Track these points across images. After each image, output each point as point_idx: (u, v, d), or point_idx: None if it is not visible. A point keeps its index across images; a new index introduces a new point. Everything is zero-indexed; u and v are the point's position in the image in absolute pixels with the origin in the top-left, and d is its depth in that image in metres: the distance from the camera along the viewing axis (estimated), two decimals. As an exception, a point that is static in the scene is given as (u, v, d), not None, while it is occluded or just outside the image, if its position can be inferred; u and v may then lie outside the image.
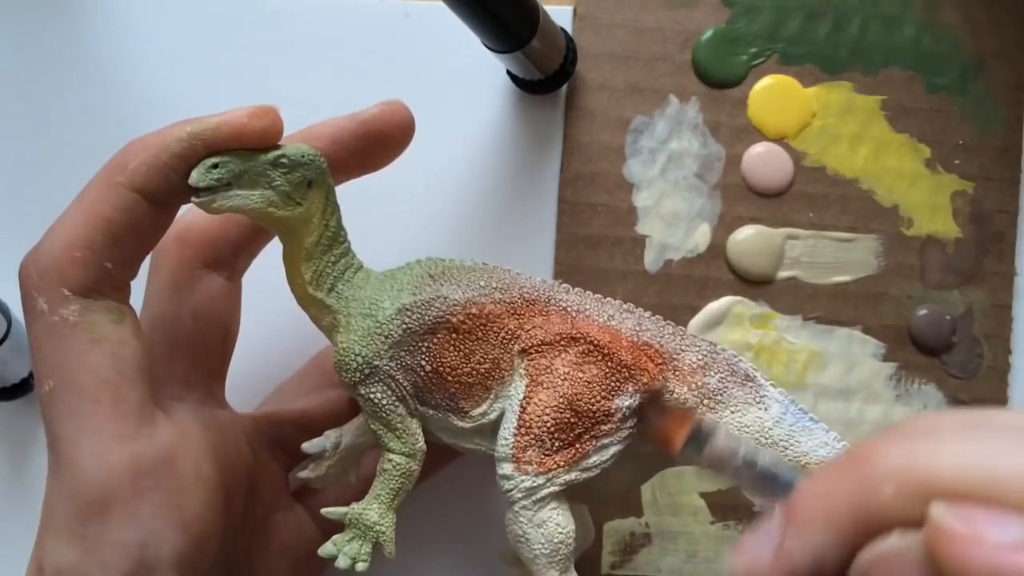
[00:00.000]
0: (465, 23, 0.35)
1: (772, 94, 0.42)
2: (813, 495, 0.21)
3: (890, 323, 0.41)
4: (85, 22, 0.43)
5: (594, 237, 0.41)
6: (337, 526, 0.32)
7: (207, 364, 0.34)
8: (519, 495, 0.31)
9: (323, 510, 0.32)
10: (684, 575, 0.40)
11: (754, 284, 0.41)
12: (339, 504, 0.32)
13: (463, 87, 0.43)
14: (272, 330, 0.40)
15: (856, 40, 0.42)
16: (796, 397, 0.41)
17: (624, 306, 0.33)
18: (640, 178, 0.42)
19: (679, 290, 0.41)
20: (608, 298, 0.33)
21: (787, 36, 0.42)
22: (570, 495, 0.32)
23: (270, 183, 0.29)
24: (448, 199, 0.42)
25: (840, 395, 0.41)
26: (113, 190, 0.29)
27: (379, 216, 0.33)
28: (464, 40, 0.38)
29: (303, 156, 0.30)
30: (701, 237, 0.42)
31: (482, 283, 0.32)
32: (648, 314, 0.33)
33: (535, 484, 0.31)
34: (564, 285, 0.33)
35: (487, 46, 0.37)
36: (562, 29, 0.41)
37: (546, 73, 0.40)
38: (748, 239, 0.41)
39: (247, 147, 0.29)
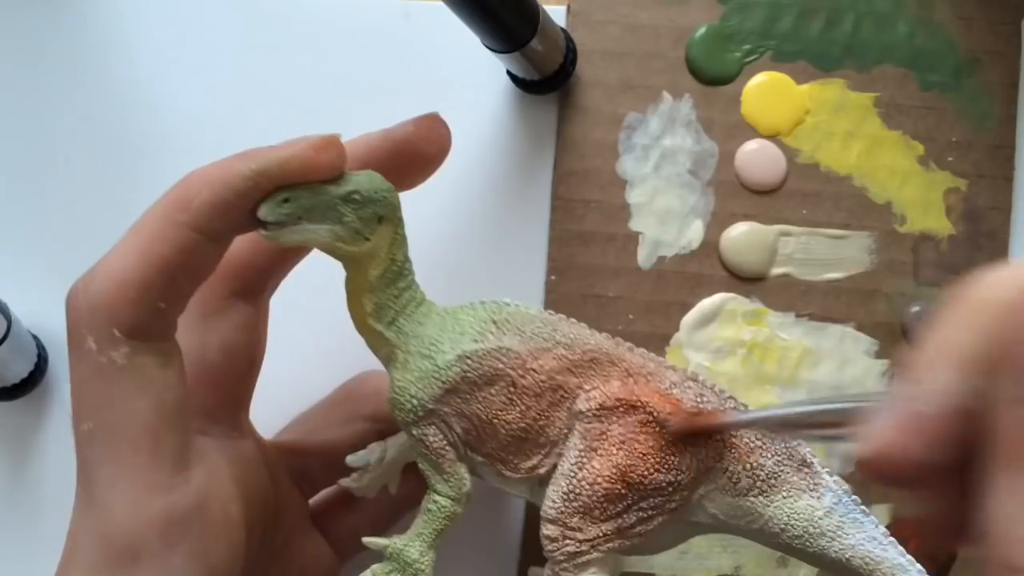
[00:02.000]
0: (465, 23, 0.35)
1: (765, 91, 0.42)
2: (928, 345, 0.20)
3: (883, 320, 0.41)
4: (85, 22, 0.43)
5: (587, 233, 0.42)
6: (351, 551, 0.32)
7: (233, 395, 0.33)
8: (562, 557, 0.31)
9: (365, 540, 0.32)
10: (676, 571, 0.41)
11: (747, 281, 0.42)
12: (371, 531, 0.32)
13: (463, 87, 0.43)
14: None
15: (849, 37, 0.42)
16: (788, 394, 0.41)
17: (688, 374, 0.32)
18: (633, 175, 0.42)
19: (672, 287, 0.41)
20: (674, 365, 0.32)
21: (780, 33, 0.42)
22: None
23: (340, 218, 0.28)
24: (444, 197, 0.42)
25: (833, 392, 0.41)
26: (174, 229, 0.27)
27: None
28: (464, 40, 0.38)
29: (376, 192, 0.29)
30: (694, 234, 0.42)
31: (546, 335, 0.31)
32: (711, 384, 0.32)
33: (579, 550, 0.30)
34: (628, 344, 0.32)
35: (487, 46, 0.37)
36: (562, 29, 0.41)
37: (546, 73, 0.40)
38: (741, 236, 0.41)
39: (314, 180, 0.28)
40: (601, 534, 0.30)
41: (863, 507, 0.32)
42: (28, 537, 0.36)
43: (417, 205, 0.42)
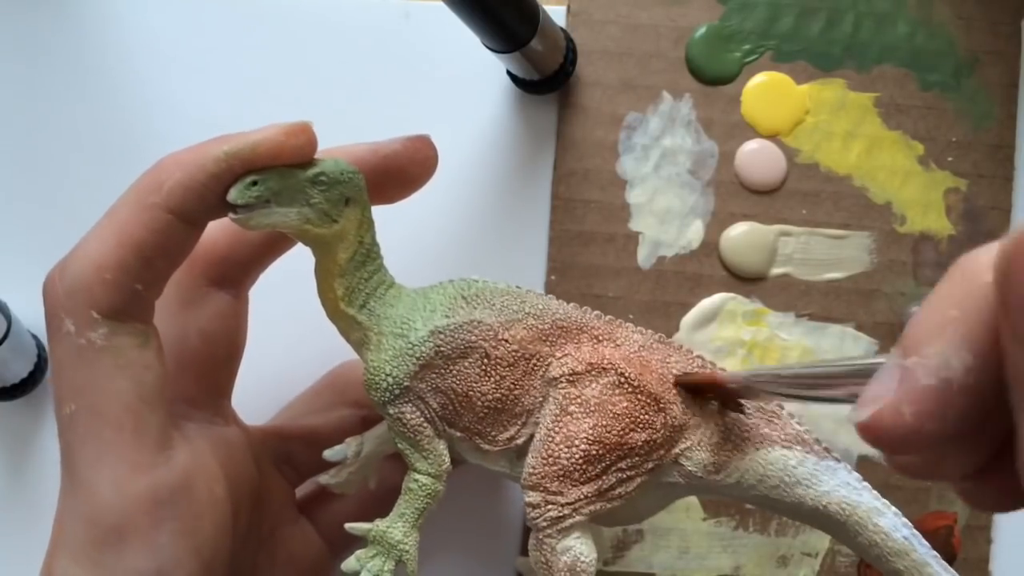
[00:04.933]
0: (465, 23, 0.35)
1: (765, 91, 0.42)
2: (923, 317, 0.20)
3: (883, 320, 0.41)
4: (85, 22, 0.43)
5: (587, 233, 0.42)
6: (342, 536, 0.32)
7: (214, 382, 0.34)
8: (544, 523, 0.31)
9: (347, 525, 0.32)
10: (676, 571, 0.41)
11: (747, 281, 0.42)
12: (359, 518, 0.32)
13: (463, 87, 0.43)
14: (283, 341, 0.41)
15: (849, 37, 0.42)
16: (788, 394, 0.41)
17: (655, 336, 0.33)
18: (633, 175, 0.42)
19: (672, 287, 0.41)
20: (640, 328, 0.33)
21: (780, 33, 0.42)
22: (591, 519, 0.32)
23: (308, 200, 0.29)
24: (443, 197, 0.42)
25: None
26: (147, 211, 0.28)
27: (376, 213, 0.33)
28: (464, 40, 0.38)
29: (342, 174, 0.29)
30: (694, 234, 0.42)
31: (515, 307, 0.32)
32: (678, 346, 0.33)
33: (561, 514, 0.31)
34: (596, 312, 0.33)
35: (487, 46, 0.37)
36: (562, 29, 0.41)
37: (546, 73, 0.40)
38: (741, 236, 0.41)
39: (284, 164, 0.29)
40: (582, 496, 0.31)
41: (835, 455, 0.33)
42: (28, 537, 0.36)
43: (417, 205, 0.42)
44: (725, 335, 0.41)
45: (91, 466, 0.28)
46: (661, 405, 0.31)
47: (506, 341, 0.31)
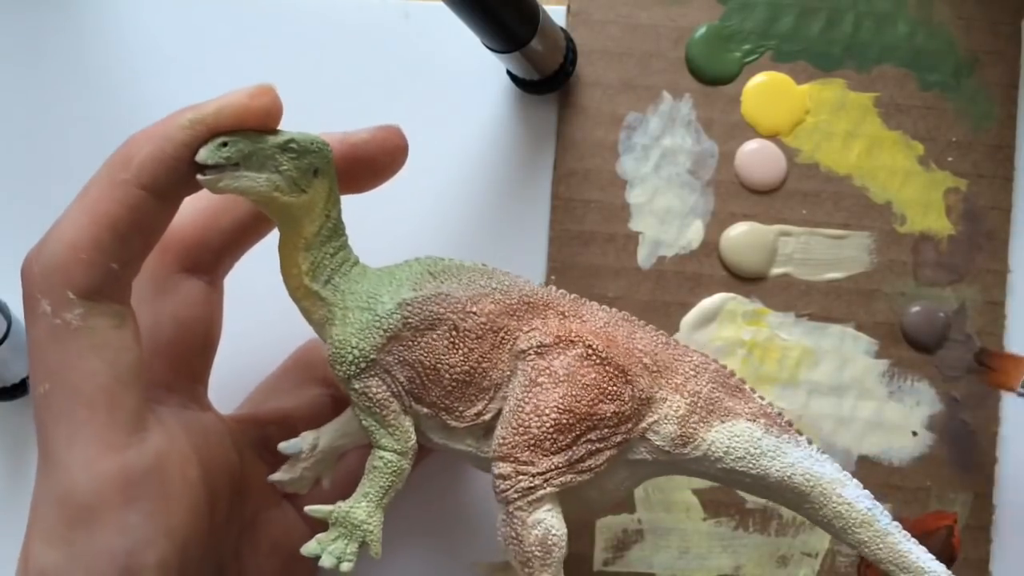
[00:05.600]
0: (465, 23, 0.35)
1: (765, 91, 0.42)
2: None
3: (883, 320, 0.41)
4: (85, 21, 0.43)
5: (587, 233, 0.42)
6: (324, 524, 0.31)
7: (189, 368, 0.34)
8: (515, 495, 0.31)
9: (307, 508, 0.31)
10: (677, 571, 0.41)
11: (747, 281, 0.42)
12: (323, 502, 0.32)
13: (463, 87, 0.43)
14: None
15: (849, 37, 0.42)
16: (788, 394, 0.41)
17: (620, 314, 0.33)
18: (633, 175, 0.42)
19: (672, 287, 0.41)
20: (604, 306, 0.33)
21: (780, 33, 0.42)
22: (561, 500, 0.32)
23: (277, 167, 0.29)
24: (443, 197, 0.42)
25: (832, 392, 0.41)
26: (119, 188, 0.28)
27: (374, 213, 0.33)
28: (464, 40, 0.38)
29: (312, 143, 0.29)
30: (694, 234, 0.42)
31: (482, 282, 0.32)
32: (642, 323, 0.33)
33: (532, 484, 0.31)
34: (561, 291, 0.33)
35: (487, 46, 0.37)
36: (562, 29, 0.41)
37: (546, 73, 0.40)
38: (741, 236, 0.41)
39: (252, 129, 0.29)
40: (553, 467, 0.31)
41: (797, 430, 0.33)
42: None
43: (417, 205, 0.42)
44: (725, 335, 0.41)
45: (64, 446, 0.28)
46: (628, 377, 0.32)
47: (474, 314, 0.31)
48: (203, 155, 0.28)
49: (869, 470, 0.41)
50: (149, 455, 0.29)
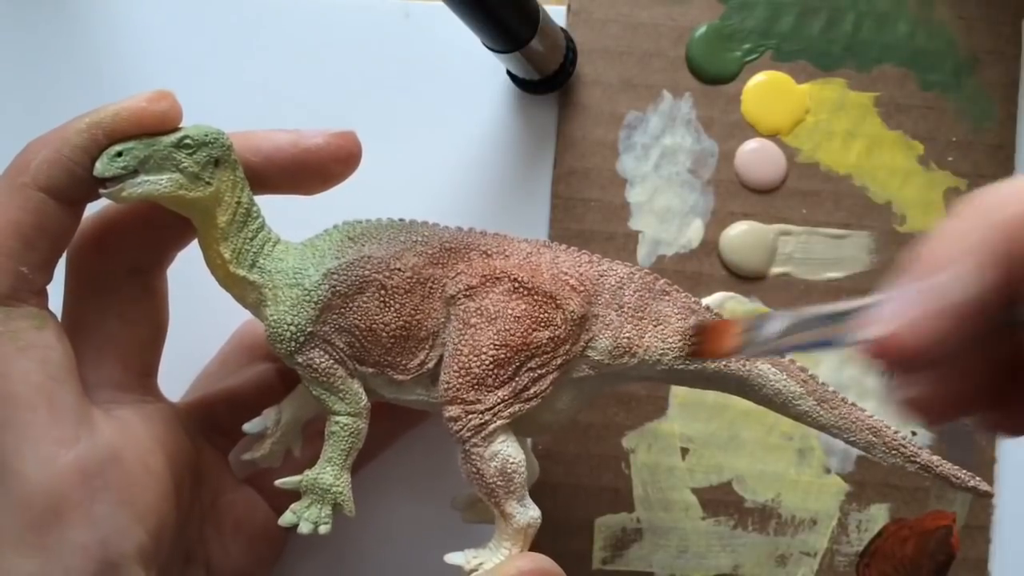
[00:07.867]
0: (465, 23, 0.35)
1: (765, 90, 0.42)
2: (935, 249, 0.21)
3: (882, 319, 0.41)
4: (85, 22, 0.43)
5: (587, 233, 0.42)
6: (288, 497, 0.32)
7: (139, 364, 0.33)
8: (468, 434, 0.32)
9: (277, 481, 0.32)
10: (675, 570, 0.41)
11: (747, 280, 0.42)
12: (291, 474, 0.33)
13: (463, 87, 0.43)
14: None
15: (850, 37, 0.42)
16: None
17: (541, 241, 0.34)
18: (633, 174, 0.42)
19: (672, 286, 0.41)
20: (525, 237, 0.34)
21: (781, 32, 0.42)
22: (515, 428, 0.33)
23: (176, 166, 0.29)
24: (443, 196, 0.42)
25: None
26: (18, 192, 0.28)
27: (374, 213, 0.33)
28: (464, 40, 0.38)
29: (206, 135, 0.30)
30: (694, 233, 0.42)
31: (402, 238, 0.33)
32: (564, 247, 0.34)
33: (482, 421, 0.32)
34: (481, 230, 0.34)
35: (487, 46, 0.37)
36: (562, 29, 0.41)
37: (546, 73, 0.40)
38: (741, 235, 0.41)
39: (149, 132, 0.29)
40: (499, 400, 0.32)
41: (717, 313, 0.34)
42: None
43: (418, 204, 0.42)
44: (725, 334, 0.41)
45: (13, 452, 0.28)
46: (558, 302, 0.32)
47: (399, 270, 0.32)
48: (99, 168, 0.28)
49: (869, 470, 0.41)
50: (102, 446, 0.29)
